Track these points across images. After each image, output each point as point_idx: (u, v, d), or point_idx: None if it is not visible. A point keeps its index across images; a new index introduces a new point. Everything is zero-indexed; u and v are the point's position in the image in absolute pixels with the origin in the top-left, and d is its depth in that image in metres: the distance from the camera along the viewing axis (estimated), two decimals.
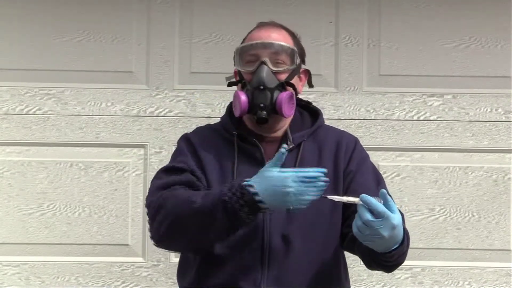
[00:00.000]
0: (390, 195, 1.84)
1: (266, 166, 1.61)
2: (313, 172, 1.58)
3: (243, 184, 1.60)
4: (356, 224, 1.56)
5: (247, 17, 2.82)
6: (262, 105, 1.78)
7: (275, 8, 2.87)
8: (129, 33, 2.89)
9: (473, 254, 2.86)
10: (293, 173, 1.58)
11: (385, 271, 1.78)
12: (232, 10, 2.89)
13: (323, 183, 1.58)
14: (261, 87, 1.78)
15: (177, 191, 1.72)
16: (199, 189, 1.74)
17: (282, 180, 1.57)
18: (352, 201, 1.58)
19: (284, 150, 1.61)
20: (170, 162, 1.87)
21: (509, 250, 2.85)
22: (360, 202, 1.55)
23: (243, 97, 1.79)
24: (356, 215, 1.56)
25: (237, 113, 1.83)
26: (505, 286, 2.84)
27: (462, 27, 2.91)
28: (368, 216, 1.53)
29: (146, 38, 2.89)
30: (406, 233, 1.68)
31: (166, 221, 1.67)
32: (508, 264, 2.84)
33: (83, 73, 2.87)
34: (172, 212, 1.67)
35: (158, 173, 1.84)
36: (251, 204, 1.58)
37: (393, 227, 1.55)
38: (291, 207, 1.57)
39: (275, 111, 1.79)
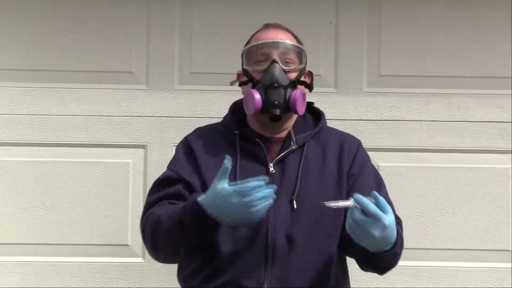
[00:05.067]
0: (389, 198, 1.85)
1: (214, 181, 1.63)
2: (251, 183, 1.58)
3: (197, 200, 1.64)
4: (348, 222, 1.59)
5: (247, 17, 2.82)
6: (276, 102, 1.78)
7: (275, 8, 2.87)
8: (129, 33, 2.89)
9: (473, 254, 2.86)
10: (231, 189, 1.58)
11: (378, 273, 1.80)
12: (232, 10, 2.89)
13: (266, 190, 1.59)
14: (275, 84, 1.78)
15: (154, 211, 1.78)
16: (185, 199, 1.77)
17: (223, 198, 1.59)
18: (347, 205, 1.58)
19: (227, 161, 1.61)
20: (166, 169, 1.89)
21: (509, 250, 2.85)
22: (354, 203, 1.57)
23: (257, 95, 1.78)
24: (348, 213, 1.58)
25: (250, 111, 1.82)
26: (505, 287, 2.84)
27: (462, 27, 2.91)
28: (359, 216, 1.56)
29: (146, 38, 2.89)
30: (400, 235, 1.70)
31: (148, 241, 1.79)
32: (508, 265, 2.84)
33: (83, 73, 2.87)
34: (149, 233, 1.77)
35: (152, 185, 1.87)
36: (203, 220, 1.63)
37: (384, 227, 1.57)
38: (246, 221, 1.61)
39: (288, 108, 1.80)
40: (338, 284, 1.84)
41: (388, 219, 1.57)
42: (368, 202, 1.56)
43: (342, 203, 1.59)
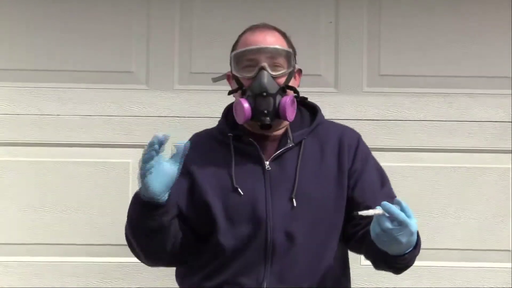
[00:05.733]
0: (393, 192, 1.85)
1: None
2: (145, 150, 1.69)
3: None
4: (374, 230, 1.58)
5: (247, 17, 2.80)
6: (265, 111, 1.77)
7: (275, 7, 2.87)
8: (129, 33, 2.89)
9: (473, 254, 2.86)
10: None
11: (393, 273, 1.78)
12: (232, 10, 2.89)
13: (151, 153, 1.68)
14: (264, 93, 1.77)
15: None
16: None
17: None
18: (377, 213, 1.57)
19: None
20: None
21: (509, 250, 2.85)
22: (383, 211, 1.55)
23: (246, 105, 1.77)
24: (374, 221, 1.58)
25: (240, 120, 1.81)
26: (505, 287, 2.84)
27: (462, 27, 2.91)
28: (388, 225, 1.55)
29: (146, 38, 2.89)
30: (419, 237, 1.69)
31: (130, 247, 1.84)
32: (508, 264, 2.84)
33: (83, 73, 2.87)
34: (128, 241, 1.83)
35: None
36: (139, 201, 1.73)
37: (411, 234, 1.58)
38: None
39: (278, 116, 1.79)
40: (339, 282, 1.83)
41: (414, 225, 1.57)
42: (398, 211, 1.55)
43: (372, 211, 1.58)
